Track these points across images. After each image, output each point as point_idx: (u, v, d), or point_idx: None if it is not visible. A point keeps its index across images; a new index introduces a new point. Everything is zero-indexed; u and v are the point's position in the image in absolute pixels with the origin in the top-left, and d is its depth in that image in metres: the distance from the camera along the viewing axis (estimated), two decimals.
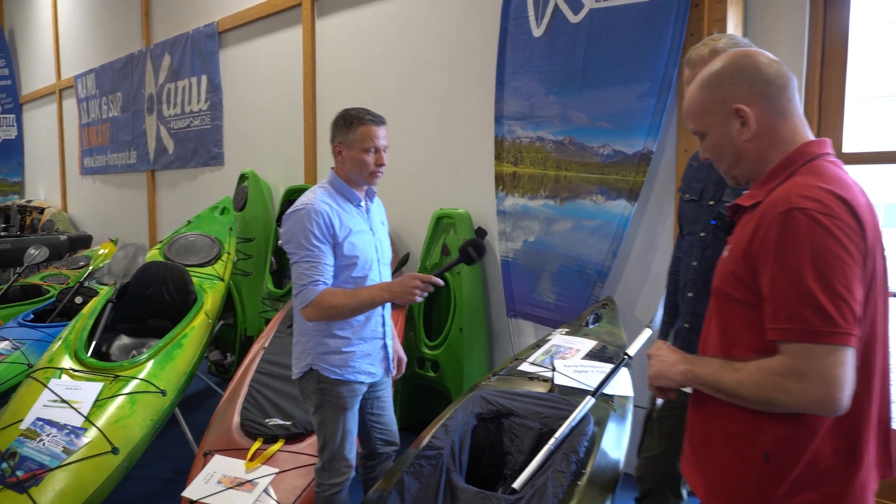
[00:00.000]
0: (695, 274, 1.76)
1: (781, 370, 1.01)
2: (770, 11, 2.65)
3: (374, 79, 4.22)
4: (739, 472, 1.10)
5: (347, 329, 2.02)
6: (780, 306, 1.01)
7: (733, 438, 1.12)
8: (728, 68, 1.15)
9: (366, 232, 2.07)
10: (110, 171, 7.31)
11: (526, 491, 1.84)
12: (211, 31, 5.44)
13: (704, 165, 1.79)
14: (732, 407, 1.12)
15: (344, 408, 2.05)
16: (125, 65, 6.74)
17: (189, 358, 2.99)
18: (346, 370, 2.03)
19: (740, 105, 1.13)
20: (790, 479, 1.05)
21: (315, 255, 1.91)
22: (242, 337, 4.68)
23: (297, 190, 4.61)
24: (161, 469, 3.20)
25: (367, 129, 2.01)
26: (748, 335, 1.10)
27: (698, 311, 1.75)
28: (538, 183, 3.24)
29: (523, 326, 3.51)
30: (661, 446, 1.93)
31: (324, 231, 1.93)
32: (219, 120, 5.55)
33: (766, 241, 1.03)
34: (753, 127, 1.13)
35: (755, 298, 1.07)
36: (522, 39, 3.24)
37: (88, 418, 2.44)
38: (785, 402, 1.01)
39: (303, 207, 1.95)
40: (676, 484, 1.94)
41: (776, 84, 1.12)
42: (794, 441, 1.05)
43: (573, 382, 2.36)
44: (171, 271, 3.42)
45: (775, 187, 1.10)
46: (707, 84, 1.17)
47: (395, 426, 2.33)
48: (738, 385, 1.06)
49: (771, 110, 1.13)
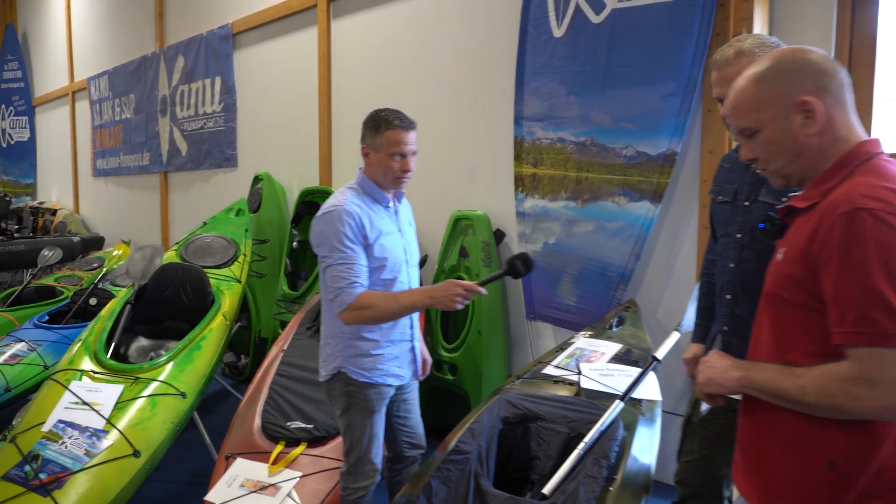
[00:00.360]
0: (732, 276, 1.73)
1: (850, 376, 0.97)
2: (797, 10, 2.61)
3: (391, 79, 4.20)
4: (801, 481, 1.07)
5: (376, 332, 2.00)
6: (847, 309, 0.98)
7: (791, 446, 1.09)
8: (788, 62, 1.11)
9: (395, 233, 2.05)
10: (123, 172, 7.33)
11: (556, 496, 1.81)
12: (225, 32, 5.44)
13: (737, 167, 1.76)
14: (788, 413, 1.09)
15: (371, 411, 2.03)
16: (138, 67, 6.76)
17: (208, 360, 2.97)
18: (375, 373, 2.01)
19: (807, 97, 1.09)
20: (857, 488, 1.02)
21: (349, 257, 1.87)
22: (256, 339, 4.66)
23: (312, 191, 4.60)
24: (180, 472, 3.18)
25: (395, 134, 1.97)
26: (806, 339, 1.07)
27: (737, 313, 1.73)
28: (559, 184, 3.21)
29: (542, 329, 3.48)
30: (702, 451, 1.90)
31: (356, 232, 1.90)
32: (232, 122, 5.55)
33: (829, 242, 1.00)
34: (821, 120, 1.09)
35: (815, 302, 1.04)
36: (543, 40, 3.21)
37: (110, 420, 2.42)
38: (853, 408, 0.98)
39: (333, 209, 1.92)
40: (718, 488, 1.91)
41: (838, 79, 1.10)
42: (861, 448, 1.02)
43: (600, 386, 2.33)
44: (189, 273, 3.41)
45: (832, 188, 1.07)
46: (764, 78, 1.13)
47: (422, 429, 2.30)
48: (801, 391, 1.03)
49: (834, 105, 1.10)
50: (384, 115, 2.00)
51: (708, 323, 1.97)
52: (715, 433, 1.86)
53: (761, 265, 1.63)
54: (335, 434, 2.47)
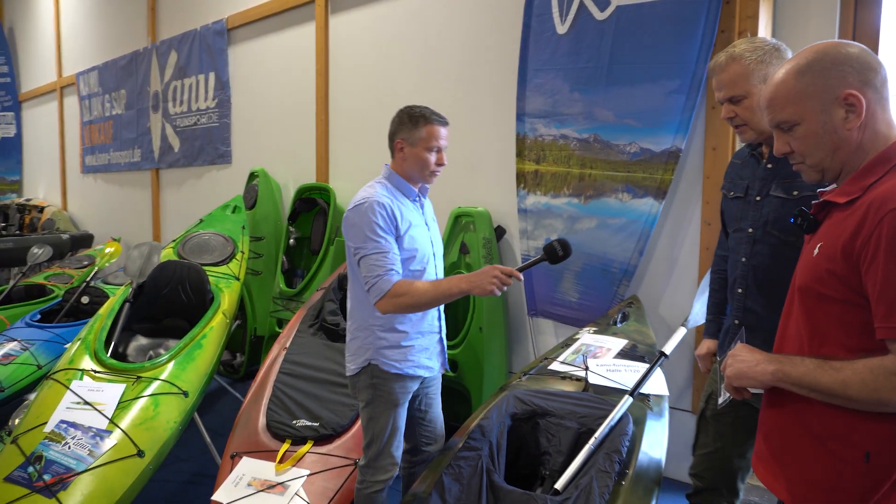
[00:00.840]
0: (744, 270, 1.74)
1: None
2: (800, 8, 2.63)
3: (390, 76, 4.18)
4: (836, 473, 1.08)
5: (406, 323, 2.02)
6: (895, 305, 0.98)
7: (822, 438, 1.09)
8: (831, 56, 1.11)
9: (422, 226, 2.08)
10: (113, 169, 7.23)
11: (570, 491, 1.81)
12: (220, 27, 5.38)
13: (748, 162, 1.78)
14: (817, 405, 1.09)
15: (395, 403, 2.05)
16: (129, 62, 6.67)
17: (209, 358, 2.94)
18: (406, 364, 2.03)
19: (852, 91, 1.09)
20: (892, 480, 1.03)
21: (383, 246, 1.89)
22: (252, 337, 4.63)
23: (308, 188, 4.57)
24: (179, 471, 3.15)
25: (433, 128, 2.02)
26: (842, 334, 1.07)
27: (749, 307, 1.74)
28: (561, 181, 3.21)
29: (543, 325, 3.48)
30: (717, 443, 1.92)
31: (388, 222, 1.93)
32: (227, 118, 5.50)
33: (876, 238, 1.01)
34: (862, 115, 1.10)
35: (856, 297, 1.05)
36: (546, 36, 3.21)
37: (113, 420, 2.39)
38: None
39: (364, 201, 1.95)
40: (732, 481, 1.92)
41: (881, 74, 1.10)
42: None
43: (607, 381, 2.34)
44: (188, 271, 3.37)
45: (873, 184, 1.07)
46: (806, 71, 1.13)
47: (441, 425, 2.30)
48: (843, 385, 1.03)
49: (876, 100, 1.10)
50: (420, 110, 2.05)
51: (720, 318, 1.98)
52: (728, 426, 1.88)
53: (773, 259, 1.65)
54: (342, 432, 2.46)
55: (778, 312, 1.63)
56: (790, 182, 1.63)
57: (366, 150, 4.39)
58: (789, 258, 1.60)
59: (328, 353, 2.89)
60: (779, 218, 1.64)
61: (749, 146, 1.80)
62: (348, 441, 2.42)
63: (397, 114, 2.08)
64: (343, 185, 4.54)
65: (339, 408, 2.55)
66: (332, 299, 3.16)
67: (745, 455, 1.88)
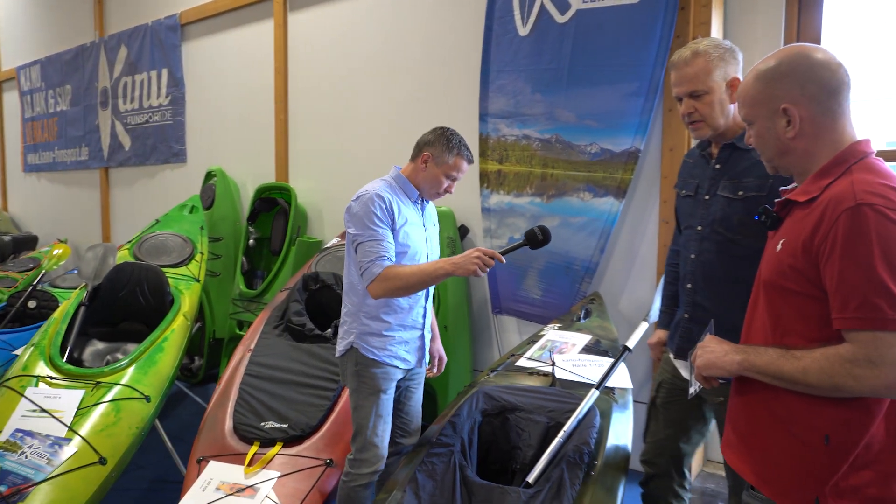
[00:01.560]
0: (693, 266, 1.82)
1: (852, 357, 1.05)
2: (749, 15, 2.76)
3: (351, 75, 4.16)
4: (797, 455, 1.15)
5: (391, 314, 2.11)
6: (850, 297, 1.06)
7: (786, 423, 1.17)
8: (783, 67, 1.18)
9: (419, 226, 2.17)
10: (58, 168, 6.95)
11: (541, 484, 1.86)
12: (173, 23, 5.24)
13: (699, 162, 1.85)
14: (782, 393, 1.16)
15: (377, 390, 2.09)
16: (75, 56, 6.42)
17: (171, 362, 2.87)
18: (383, 353, 2.11)
19: (787, 105, 1.18)
20: (849, 460, 1.10)
21: (378, 235, 2.00)
22: (211, 340, 4.54)
23: (268, 188, 4.51)
24: (139, 479, 3.06)
25: (461, 162, 2.13)
26: (803, 325, 1.14)
27: (697, 301, 1.82)
28: (524, 181, 3.27)
29: (507, 323, 3.54)
30: (668, 430, 2.01)
31: (385, 214, 2.03)
32: (181, 115, 5.36)
33: (832, 235, 1.08)
34: (797, 128, 1.18)
35: (814, 290, 1.12)
36: (508, 38, 3.26)
37: (72, 428, 2.32)
38: (854, 387, 1.06)
39: (366, 193, 2.06)
40: (680, 465, 2.02)
41: (828, 88, 1.17)
42: (856, 423, 1.11)
43: (574, 376, 2.40)
44: (146, 272, 3.28)
45: (830, 184, 1.15)
46: (761, 78, 1.21)
47: (418, 419, 2.34)
48: (803, 372, 1.10)
49: (820, 113, 1.17)
50: (458, 140, 2.14)
51: (672, 310, 2.06)
52: (676, 414, 1.97)
53: (719, 256, 1.74)
54: (311, 433, 2.44)
55: (724, 307, 1.73)
56: (736, 182, 1.70)
57: (327, 148, 4.36)
58: (734, 255, 1.70)
59: (294, 353, 2.86)
60: (725, 217, 1.71)
61: (700, 146, 1.87)
62: (318, 442, 2.41)
63: (439, 130, 2.15)
64: (304, 185, 4.50)
65: (307, 408, 2.53)
66: (297, 300, 3.13)
67: (690, 440, 1.98)
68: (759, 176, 1.64)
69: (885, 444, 1.11)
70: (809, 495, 1.14)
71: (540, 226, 2.11)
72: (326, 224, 4.43)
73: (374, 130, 4.09)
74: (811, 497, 1.14)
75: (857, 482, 1.11)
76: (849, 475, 1.11)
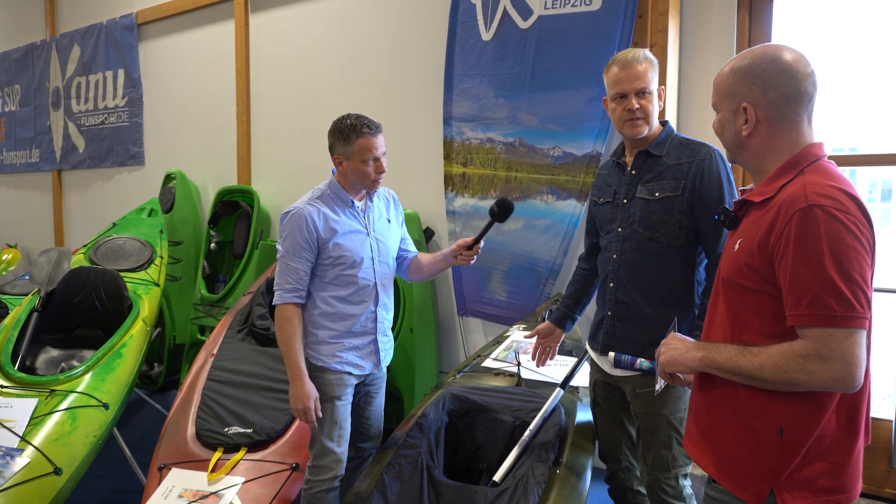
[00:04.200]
0: (616, 266, 1.92)
1: (804, 353, 1.10)
2: (703, 24, 2.86)
3: (314, 78, 4.14)
4: (754, 448, 1.20)
5: (337, 322, 2.10)
6: (802, 294, 1.10)
7: (744, 417, 1.21)
8: (753, 67, 1.23)
9: (358, 232, 2.11)
10: (6, 170, 6.68)
11: (508, 482, 1.89)
12: (129, 22, 5.12)
13: (614, 171, 1.98)
14: (741, 388, 1.21)
15: (331, 396, 2.07)
16: (24, 55, 6.20)
17: (130, 368, 2.80)
18: (333, 360, 2.09)
19: (747, 105, 1.23)
20: (802, 453, 1.15)
21: (293, 262, 2.04)
22: (171, 345, 4.43)
23: (230, 191, 4.44)
24: (94, 489, 2.97)
25: (366, 140, 2.04)
26: (760, 322, 1.19)
27: (620, 299, 1.92)
28: (488, 183, 3.31)
29: (473, 324, 3.56)
30: (613, 425, 2.09)
31: (305, 236, 2.03)
32: (138, 117, 5.23)
33: (786, 235, 1.12)
34: (750, 129, 1.24)
35: (770, 288, 1.16)
36: (471, 42, 3.30)
37: (24, 438, 2.24)
38: (806, 381, 1.10)
39: (293, 209, 2.07)
40: (633, 454, 2.10)
41: (788, 97, 1.21)
42: (808, 417, 1.15)
43: (539, 376, 2.44)
44: (103, 277, 3.19)
45: (784, 185, 1.20)
46: (734, 72, 1.26)
47: (379, 424, 2.32)
48: (760, 368, 1.14)
49: (776, 119, 1.23)
50: (350, 123, 2.06)
51: (571, 308, 2.22)
52: (614, 408, 2.06)
53: (639, 254, 1.86)
54: (276, 437, 2.41)
55: (643, 302, 1.86)
56: (652, 185, 1.84)
57: (290, 151, 4.32)
58: (653, 253, 1.84)
59: (259, 358, 2.83)
60: (644, 217, 1.84)
61: (614, 155, 2.00)
62: (283, 446, 2.38)
63: (330, 127, 2.11)
64: (267, 188, 4.44)
65: (272, 413, 2.50)
66: (260, 303, 3.09)
67: (628, 433, 2.08)
68: (674, 178, 1.80)
69: (835, 437, 1.16)
70: (765, 487, 1.19)
71: (497, 200, 2.13)
72: None
73: None
74: (766, 488, 1.19)
75: (810, 473, 1.16)
76: (802, 467, 1.16)
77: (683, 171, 1.80)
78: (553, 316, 2.25)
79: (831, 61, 2.83)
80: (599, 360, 2.03)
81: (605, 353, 1.95)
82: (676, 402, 1.85)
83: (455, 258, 2.22)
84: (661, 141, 1.86)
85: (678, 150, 1.84)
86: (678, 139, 1.87)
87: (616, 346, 1.92)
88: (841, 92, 2.85)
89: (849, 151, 2.79)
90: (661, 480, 1.90)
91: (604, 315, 1.97)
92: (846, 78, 2.82)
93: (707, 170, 1.77)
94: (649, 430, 1.89)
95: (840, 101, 2.87)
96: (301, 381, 2.00)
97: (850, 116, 2.62)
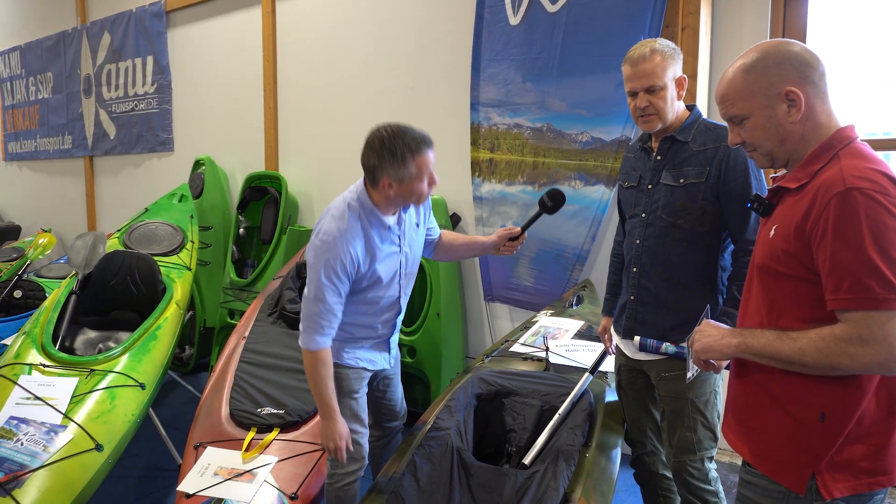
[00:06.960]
0: (639, 251, 1.92)
1: (845, 336, 1.09)
2: (736, 6, 2.80)
3: (341, 63, 4.15)
4: (794, 433, 1.19)
5: (356, 329, 2.06)
6: (843, 278, 1.09)
7: (783, 402, 1.21)
8: (773, 54, 1.21)
9: (393, 253, 2.00)
10: (40, 157, 6.84)
11: (537, 465, 1.90)
12: (157, 9, 5.17)
13: (640, 156, 1.96)
14: (778, 373, 1.21)
15: (349, 390, 2.08)
16: (56, 43, 6.31)
17: (165, 350, 2.87)
18: (346, 356, 2.07)
19: (792, 87, 1.20)
20: (843, 435, 1.15)
21: (328, 294, 1.86)
22: (202, 329, 4.53)
23: (258, 176, 4.49)
24: (133, 467, 3.07)
25: (424, 158, 1.82)
26: (797, 307, 1.19)
27: (643, 284, 1.92)
28: (516, 169, 3.30)
29: (499, 310, 3.58)
30: (639, 409, 2.10)
31: (348, 271, 1.87)
32: (167, 104, 5.30)
33: (824, 219, 1.11)
34: (803, 109, 1.20)
35: (807, 273, 1.16)
36: (499, 27, 3.28)
37: (67, 415, 2.31)
38: (848, 365, 1.10)
39: (331, 238, 1.85)
40: (658, 438, 2.11)
41: (819, 70, 1.21)
42: (849, 400, 1.15)
43: (567, 361, 2.45)
44: (137, 261, 3.26)
45: (820, 170, 1.18)
46: (752, 69, 1.23)
47: (402, 402, 2.35)
48: (800, 353, 1.14)
49: (815, 94, 1.21)
50: (405, 143, 1.80)
51: (615, 298, 2.16)
52: (637, 394, 2.07)
53: (663, 240, 1.86)
54: (307, 418, 2.47)
55: (665, 287, 1.86)
56: (677, 171, 1.83)
57: (317, 137, 4.35)
58: (676, 239, 1.83)
59: (289, 341, 2.88)
60: (667, 203, 1.84)
61: (641, 140, 1.98)
62: (314, 427, 2.43)
63: (375, 144, 1.82)
64: (294, 173, 4.49)
65: (303, 395, 2.55)
66: (290, 287, 3.14)
67: (653, 417, 2.09)
68: (699, 164, 1.78)
69: (875, 418, 1.16)
70: (807, 472, 1.19)
71: (549, 192, 2.10)
72: (318, 212, 4.43)
73: (364, 119, 4.08)
74: (808, 473, 1.19)
75: (851, 456, 1.16)
76: (842, 450, 1.16)
77: (709, 157, 1.78)
78: (605, 310, 2.22)
79: (867, 46, 2.76)
80: (623, 344, 2.04)
81: (628, 336, 1.96)
82: (701, 385, 1.85)
83: (498, 249, 2.16)
84: (688, 126, 1.84)
85: (704, 134, 1.82)
86: (705, 124, 1.84)
87: (638, 330, 1.92)
88: (877, 76, 2.78)
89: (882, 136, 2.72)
90: (686, 463, 1.90)
91: (627, 299, 1.98)
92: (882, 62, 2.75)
93: (733, 156, 1.75)
94: (674, 413, 1.90)
95: (875, 85, 2.80)
96: (333, 421, 1.93)
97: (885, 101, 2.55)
